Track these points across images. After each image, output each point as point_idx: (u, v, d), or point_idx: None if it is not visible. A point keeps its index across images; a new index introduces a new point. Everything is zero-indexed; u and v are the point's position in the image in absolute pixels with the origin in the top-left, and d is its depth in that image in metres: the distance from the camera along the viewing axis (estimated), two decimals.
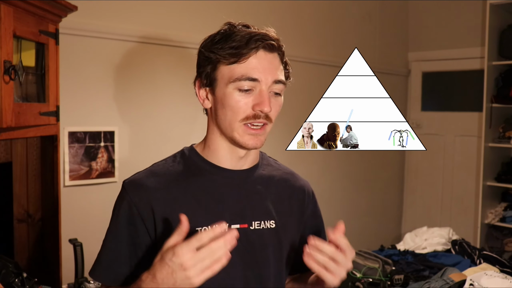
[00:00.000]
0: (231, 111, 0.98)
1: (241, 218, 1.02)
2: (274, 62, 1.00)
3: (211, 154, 1.05)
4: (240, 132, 0.98)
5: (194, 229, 0.94)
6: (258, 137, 0.99)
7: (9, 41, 1.41)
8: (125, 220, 0.99)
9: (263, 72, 0.97)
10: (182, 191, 1.00)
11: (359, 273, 2.67)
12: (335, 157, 3.62)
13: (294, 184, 1.14)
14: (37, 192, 1.89)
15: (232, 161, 1.04)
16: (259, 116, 0.97)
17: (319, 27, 3.48)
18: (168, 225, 0.97)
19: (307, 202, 1.15)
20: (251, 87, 0.97)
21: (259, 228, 1.03)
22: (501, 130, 3.61)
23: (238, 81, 0.96)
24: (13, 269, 1.48)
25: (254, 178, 1.07)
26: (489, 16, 3.43)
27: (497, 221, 3.56)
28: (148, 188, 1.00)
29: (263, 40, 0.97)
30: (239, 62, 0.96)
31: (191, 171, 1.04)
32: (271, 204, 1.06)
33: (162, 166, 1.05)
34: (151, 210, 0.98)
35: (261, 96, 0.97)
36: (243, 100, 0.97)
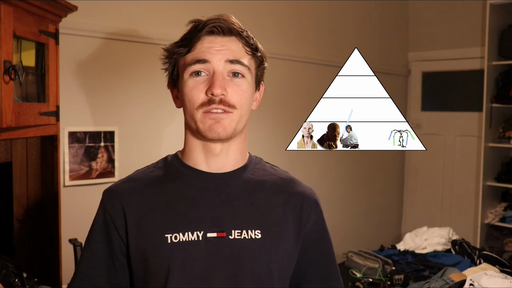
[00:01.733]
0: (189, 101, 0.93)
1: (219, 225, 0.92)
2: (228, 44, 0.94)
3: (188, 156, 0.99)
4: (202, 120, 0.91)
5: (163, 235, 0.90)
6: (221, 122, 0.91)
7: (9, 41, 1.41)
8: (100, 228, 0.97)
9: (213, 52, 0.92)
10: (156, 196, 0.95)
11: (359, 273, 2.67)
12: (335, 157, 3.62)
13: (291, 191, 1.02)
14: (37, 192, 1.89)
15: (209, 162, 0.96)
16: (213, 101, 0.90)
17: (319, 27, 3.48)
18: (139, 231, 0.92)
19: (308, 211, 1.01)
20: (202, 69, 0.92)
21: (240, 238, 0.92)
22: (501, 130, 3.61)
23: (189, 66, 0.92)
24: (13, 269, 1.48)
25: (238, 182, 0.97)
26: (489, 16, 3.44)
27: (497, 221, 3.56)
28: (121, 193, 0.96)
29: (209, 24, 0.94)
30: (191, 50, 0.93)
31: (169, 175, 0.98)
32: (257, 212, 0.95)
33: (142, 172, 1.01)
34: (123, 216, 0.94)
35: (212, 77, 0.91)
36: (196, 86, 0.92)
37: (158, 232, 0.91)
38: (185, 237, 0.90)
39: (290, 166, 3.39)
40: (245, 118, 0.96)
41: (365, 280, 2.49)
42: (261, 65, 1.01)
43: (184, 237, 0.90)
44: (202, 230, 0.91)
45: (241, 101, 0.93)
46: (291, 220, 0.98)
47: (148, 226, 0.92)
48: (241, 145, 1.00)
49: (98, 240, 0.97)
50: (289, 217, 0.98)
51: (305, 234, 1.00)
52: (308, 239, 1.00)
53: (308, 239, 1.00)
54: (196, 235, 0.90)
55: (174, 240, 0.90)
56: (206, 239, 0.90)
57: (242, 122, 0.95)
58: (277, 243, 0.95)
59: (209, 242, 0.90)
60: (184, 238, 0.90)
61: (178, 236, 0.90)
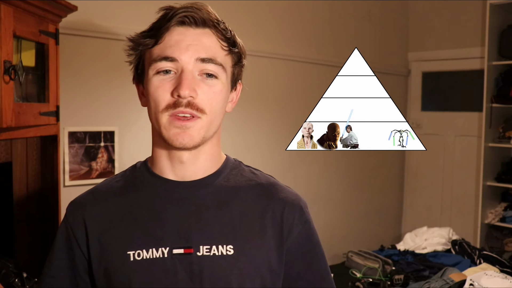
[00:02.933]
0: (153, 101, 0.81)
1: (185, 241, 0.82)
2: (201, 39, 0.81)
3: (155, 162, 0.88)
4: (166, 126, 0.80)
5: (125, 252, 0.82)
6: (187, 131, 0.79)
7: (9, 41, 1.41)
8: (62, 244, 0.88)
9: (182, 49, 0.80)
10: (120, 208, 0.85)
11: (359, 273, 2.67)
12: (335, 157, 3.62)
13: (271, 198, 0.88)
14: (37, 192, 1.89)
15: (175, 170, 0.86)
16: (180, 104, 0.78)
17: (319, 27, 3.48)
18: (102, 248, 0.84)
19: (290, 221, 0.87)
20: (170, 68, 0.80)
21: (208, 254, 0.81)
22: (501, 130, 3.61)
23: (154, 63, 0.81)
24: (13, 269, 1.48)
25: (209, 191, 0.86)
26: (489, 16, 3.43)
27: (497, 221, 3.56)
28: (83, 205, 0.87)
29: (180, 13, 0.81)
30: (158, 43, 0.81)
31: (135, 184, 0.88)
32: (230, 225, 0.84)
33: (108, 181, 0.92)
34: (85, 229, 0.85)
35: (179, 77, 0.79)
36: (162, 86, 0.80)
37: (120, 249, 0.82)
38: (149, 254, 0.81)
39: (290, 166, 3.40)
40: (217, 123, 0.85)
41: (365, 280, 2.50)
42: (239, 62, 0.88)
43: (147, 255, 0.81)
44: (167, 246, 0.82)
45: (211, 105, 0.81)
46: (270, 232, 0.86)
47: (111, 242, 0.83)
48: (213, 151, 0.89)
49: (60, 257, 0.88)
50: (269, 229, 0.86)
51: (289, 247, 0.87)
52: (292, 253, 0.87)
53: (292, 253, 0.87)
54: (161, 251, 0.81)
55: (137, 258, 0.81)
56: (172, 256, 0.81)
57: (212, 128, 0.84)
58: (254, 259, 0.83)
59: (175, 259, 0.81)
60: (148, 255, 0.81)
61: (141, 253, 0.81)
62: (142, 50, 0.84)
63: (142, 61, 0.86)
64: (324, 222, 3.54)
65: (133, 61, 0.88)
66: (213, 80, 0.82)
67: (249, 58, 0.95)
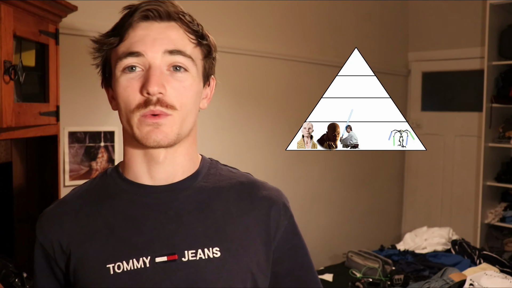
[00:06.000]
0: (123, 102, 0.77)
1: (168, 247, 0.77)
2: (167, 32, 0.78)
3: (127, 168, 0.84)
4: (138, 125, 0.76)
5: (104, 266, 0.77)
6: (161, 128, 0.76)
7: (9, 41, 1.41)
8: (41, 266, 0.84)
9: (148, 43, 0.76)
10: (92, 219, 0.80)
11: (359, 273, 2.67)
12: (335, 157, 3.62)
13: (254, 196, 0.86)
14: (37, 192, 1.89)
15: (152, 173, 0.82)
16: (150, 102, 0.75)
17: (319, 27, 3.48)
18: (78, 263, 0.79)
19: (277, 218, 0.85)
20: (136, 63, 0.76)
21: (194, 259, 0.77)
22: (501, 130, 3.61)
23: (120, 60, 0.77)
24: (13, 269, 1.48)
25: (189, 193, 0.82)
26: (489, 16, 3.44)
27: (497, 221, 3.57)
28: (51, 220, 0.82)
29: (143, 7, 0.78)
30: (123, 41, 0.78)
31: (107, 193, 0.83)
32: (214, 226, 0.80)
33: (76, 191, 0.86)
34: (60, 247, 0.80)
35: (147, 73, 0.76)
36: (130, 85, 0.76)
37: (98, 263, 0.77)
38: (130, 265, 0.76)
39: (290, 166, 3.40)
40: (190, 119, 0.81)
41: (365, 280, 2.50)
42: (209, 55, 0.83)
43: (128, 266, 0.76)
44: (148, 255, 0.77)
45: (182, 100, 0.77)
46: (256, 231, 0.83)
47: (87, 256, 0.78)
48: (190, 150, 0.85)
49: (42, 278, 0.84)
50: (254, 227, 0.83)
51: (277, 244, 0.85)
52: (281, 249, 0.86)
53: (280, 249, 0.85)
54: (143, 261, 0.77)
55: (118, 271, 0.76)
56: (155, 265, 0.76)
57: (187, 125, 0.80)
58: (242, 260, 0.80)
59: (158, 268, 0.76)
60: (129, 266, 0.76)
61: (121, 265, 0.76)
62: (107, 50, 0.81)
63: (108, 62, 0.82)
64: (324, 222, 3.54)
65: (99, 64, 0.84)
66: (183, 74, 0.78)
67: (249, 58, 0.95)
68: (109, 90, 0.85)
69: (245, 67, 2.92)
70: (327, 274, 2.68)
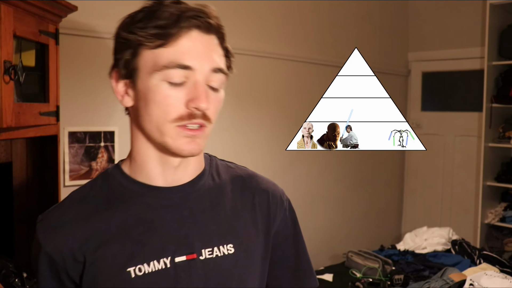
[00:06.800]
0: (158, 109, 0.75)
1: (187, 247, 0.79)
2: (211, 46, 0.77)
3: (139, 169, 0.82)
4: (173, 135, 0.76)
5: (125, 270, 0.77)
6: (196, 140, 0.77)
7: (9, 41, 1.41)
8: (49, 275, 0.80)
9: (198, 57, 0.75)
10: (105, 224, 0.79)
11: (359, 273, 2.67)
12: (335, 157, 3.62)
13: (254, 190, 0.89)
14: (37, 192, 1.89)
15: (166, 175, 0.82)
16: (194, 115, 0.75)
17: (319, 27, 3.48)
18: (94, 270, 0.77)
19: (274, 210, 0.89)
20: (183, 77, 0.75)
21: (212, 256, 0.80)
22: (501, 130, 3.61)
23: (166, 70, 0.74)
24: (13, 269, 1.48)
25: (200, 193, 0.84)
26: (489, 16, 3.44)
27: (497, 221, 3.57)
28: (61, 229, 0.79)
29: (198, 17, 0.75)
30: (167, 45, 0.74)
31: (115, 195, 0.81)
32: (226, 223, 0.83)
33: (79, 195, 0.83)
34: (72, 256, 0.78)
35: (196, 89, 0.75)
36: (173, 95, 0.75)
37: (118, 267, 0.77)
38: (151, 267, 0.77)
39: (290, 166, 3.40)
40: None
41: (365, 280, 2.50)
42: (230, 68, 0.83)
43: (149, 268, 0.77)
44: (169, 255, 0.78)
45: (215, 114, 0.79)
46: (259, 224, 0.87)
47: (104, 262, 0.77)
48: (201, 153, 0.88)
49: None
50: (257, 220, 0.87)
51: (274, 234, 0.90)
52: (276, 239, 0.90)
53: (276, 239, 0.90)
54: (163, 262, 0.78)
55: (139, 273, 0.77)
56: (175, 265, 0.78)
57: None
58: (251, 253, 0.84)
59: (179, 267, 0.78)
60: (150, 268, 0.77)
61: (142, 267, 0.77)
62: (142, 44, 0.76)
63: (136, 56, 0.77)
64: (324, 222, 3.54)
65: (120, 51, 0.79)
66: (219, 90, 0.80)
67: (249, 58, 0.95)
68: (122, 82, 0.81)
69: (245, 67, 2.92)
70: (327, 274, 2.68)
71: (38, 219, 0.82)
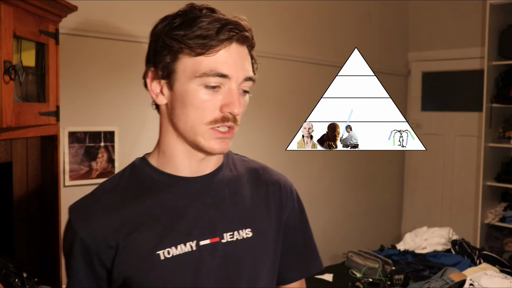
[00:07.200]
0: (196, 112, 0.83)
1: (211, 231, 0.88)
2: (244, 56, 0.87)
3: (167, 162, 0.90)
4: (206, 136, 0.85)
5: (154, 253, 0.84)
6: (226, 141, 0.86)
7: (9, 41, 1.41)
8: (81, 260, 0.86)
9: (234, 67, 0.83)
10: (136, 212, 0.86)
11: (359, 273, 2.67)
12: (335, 157, 3.62)
13: (268, 180, 0.99)
14: (37, 192, 1.89)
15: (192, 167, 0.90)
16: (227, 119, 0.84)
17: (319, 27, 3.48)
18: (126, 254, 0.84)
19: (285, 199, 1.00)
20: (219, 83, 0.83)
21: (232, 240, 0.89)
22: (501, 130, 3.61)
23: (206, 77, 0.82)
24: (13, 269, 1.48)
25: (220, 182, 0.93)
26: (489, 16, 3.44)
27: (497, 221, 3.57)
28: (95, 217, 0.86)
29: (237, 31, 0.84)
30: (207, 55, 0.82)
31: (144, 186, 0.89)
32: (244, 209, 0.93)
33: (109, 186, 0.91)
34: (105, 241, 0.84)
35: (231, 95, 0.83)
36: (210, 100, 0.83)
37: (148, 251, 0.84)
38: (178, 250, 0.85)
39: (290, 166, 3.40)
40: None
41: (365, 280, 2.49)
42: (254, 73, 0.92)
43: (177, 251, 0.85)
44: (194, 239, 0.86)
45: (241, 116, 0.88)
46: (272, 211, 0.97)
47: (135, 246, 0.84)
48: None
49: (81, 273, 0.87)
50: (271, 208, 0.97)
51: (285, 222, 0.99)
52: (286, 225, 0.99)
53: (286, 226, 0.99)
54: (189, 245, 0.86)
55: (167, 256, 0.84)
56: (200, 248, 0.86)
57: None
58: (267, 237, 0.94)
59: (203, 250, 0.87)
60: (177, 251, 0.85)
61: (170, 250, 0.85)
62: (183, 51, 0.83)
63: (174, 60, 0.84)
64: (324, 222, 3.54)
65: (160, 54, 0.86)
66: (246, 95, 0.89)
67: None
68: (157, 82, 0.89)
69: None
70: (327, 274, 2.68)
71: (70, 208, 0.89)
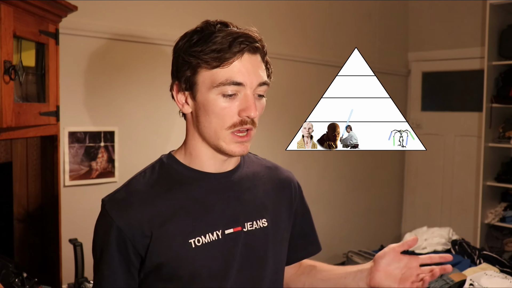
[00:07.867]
0: (217, 118, 0.93)
1: (234, 221, 0.99)
2: (257, 64, 0.95)
3: (193, 160, 1.00)
4: (227, 140, 0.94)
5: (187, 241, 0.93)
6: (245, 144, 0.96)
7: (9, 41, 1.41)
8: (115, 248, 0.94)
9: (248, 75, 0.92)
10: (168, 204, 0.95)
11: None
12: (335, 157, 3.62)
13: (279, 177, 1.13)
14: (37, 192, 1.89)
15: (216, 165, 1.01)
16: (246, 122, 0.93)
17: (319, 27, 3.48)
18: (160, 242, 0.93)
19: (294, 194, 1.14)
20: (235, 91, 0.92)
21: (252, 229, 1.01)
22: (501, 130, 3.61)
23: (222, 86, 0.91)
24: (13, 269, 1.48)
25: (240, 178, 1.04)
26: (489, 16, 3.44)
27: (497, 221, 3.57)
28: (131, 208, 0.94)
29: (248, 42, 0.92)
30: (222, 67, 0.91)
31: (174, 180, 0.99)
32: (260, 202, 1.04)
33: (142, 180, 0.99)
34: (140, 230, 0.93)
35: (247, 100, 0.92)
36: (228, 106, 0.92)
37: (181, 239, 0.94)
38: (207, 238, 0.95)
39: (290, 166, 3.39)
40: None
41: None
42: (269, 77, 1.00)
43: (206, 239, 0.95)
44: (220, 228, 0.97)
45: (259, 118, 0.97)
46: (285, 205, 1.10)
47: (168, 235, 0.93)
48: None
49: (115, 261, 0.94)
50: (283, 202, 1.10)
51: (294, 213, 1.13)
52: (295, 216, 1.13)
53: (295, 215, 1.14)
54: (216, 234, 0.96)
55: (198, 244, 0.94)
56: (225, 236, 0.97)
57: None
58: (280, 227, 1.06)
59: (228, 238, 0.97)
60: (206, 239, 0.95)
61: (200, 239, 0.95)
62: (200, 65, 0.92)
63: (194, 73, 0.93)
64: (324, 222, 3.54)
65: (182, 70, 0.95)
66: (262, 99, 0.98)
67: None
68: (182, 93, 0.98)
69: None
70: None
71: (104, 200, 0.96)
